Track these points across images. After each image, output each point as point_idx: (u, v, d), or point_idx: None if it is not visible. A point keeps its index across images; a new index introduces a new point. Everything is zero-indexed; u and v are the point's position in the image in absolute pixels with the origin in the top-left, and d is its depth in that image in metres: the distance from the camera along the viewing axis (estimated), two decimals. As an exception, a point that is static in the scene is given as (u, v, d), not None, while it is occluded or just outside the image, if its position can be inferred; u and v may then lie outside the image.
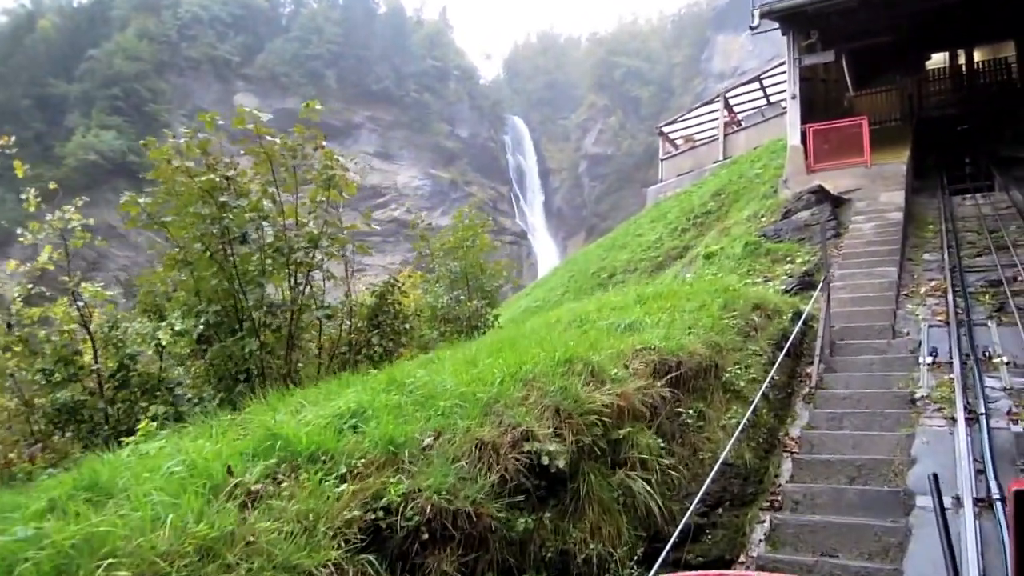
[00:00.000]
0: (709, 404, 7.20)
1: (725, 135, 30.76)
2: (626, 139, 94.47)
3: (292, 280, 8.87)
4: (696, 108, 34.09)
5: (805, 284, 12.31)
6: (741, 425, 6.94)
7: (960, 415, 7.19)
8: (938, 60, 26.80)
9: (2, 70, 74.10)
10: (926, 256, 13.37)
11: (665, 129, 35.16)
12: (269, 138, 8.52)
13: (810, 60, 19.30)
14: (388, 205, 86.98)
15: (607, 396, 5.44)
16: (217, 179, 8.32)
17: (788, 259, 13.86)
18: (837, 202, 16.10)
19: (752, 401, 7.46)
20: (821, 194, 15.85)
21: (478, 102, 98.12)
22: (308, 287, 9.06)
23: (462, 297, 14.35)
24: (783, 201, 16.85)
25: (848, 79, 25.50)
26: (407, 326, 11.84)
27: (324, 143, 9.25)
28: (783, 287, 12.41)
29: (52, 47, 77.33)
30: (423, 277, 15.17)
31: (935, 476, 2.66)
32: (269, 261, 8.80)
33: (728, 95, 32.12)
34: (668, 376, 6.65)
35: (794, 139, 18.79)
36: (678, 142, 34.56)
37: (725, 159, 29.60)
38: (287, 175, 9.23)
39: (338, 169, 9.01)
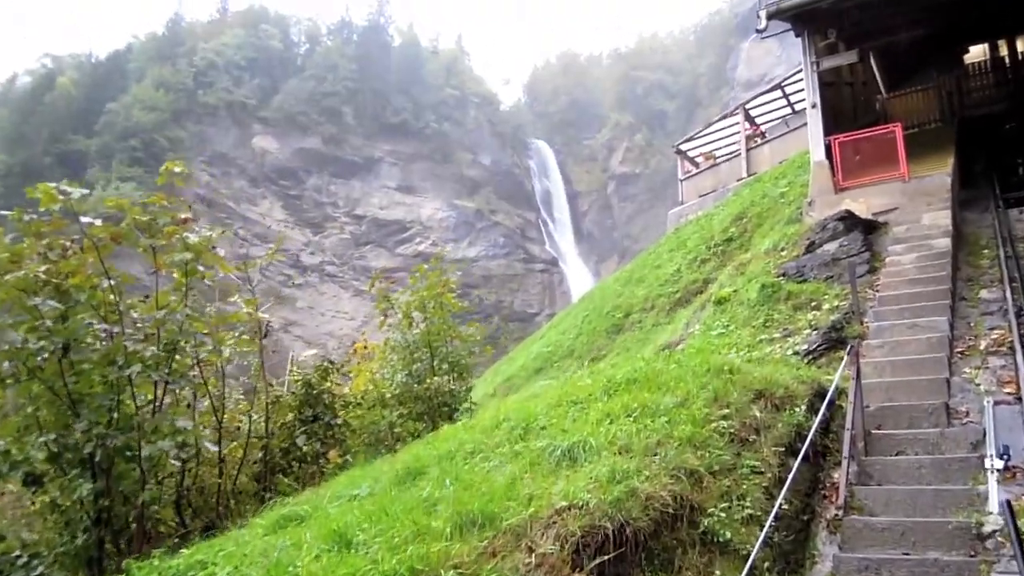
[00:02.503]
0: (677, 574, 4.97)
1: (748, 150, 28.39)
2: (654, 156, 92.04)
3: (136, 400, 6.88)
4: (715, 122, 31.75)
5: (832, 342, 9.96)
6: (726, 607, 4.72)
7: (1056, 576, 4.84)
8: (977, 53, 24.20)
9: (24, 128, 75.13)
10: (984, 294, 10.89)
11: (683, 147, 32.86)
12: (87, 219, 6.53)
13: (830, 63, 17.00)
14: (413, 239, 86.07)
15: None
16: (31, 276, 6.40)
17: (813, 305, 11.51)
18: (870, 227, 13.72)
19: (748, 556, 5.23)
20: (850, 220, 13.49)
21: (499, 128, 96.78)
22: (159, 405, 7.05)
23: (433, 369, 12.22)
24: (807, 229, 14.50)
25: (879, 80, 23.05)
26: (337, 421, 9.79)
27: (189, 215, 7.23)
28: (805, 346, 10.08)
29: (71, 103, 78.28)
30: (387, 345, 13.09)
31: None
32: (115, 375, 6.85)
33: (748, 106, 29.79)
34: (601, 556, 4.45)
35: (818, 154, 16.45)
36: (698, 160, 32.25)
37: (749, 176, 27.23)
38: (146, 257, 7.27)
39: (199, 250, 7.01)
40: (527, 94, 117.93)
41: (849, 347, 8.07)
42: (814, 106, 16.53)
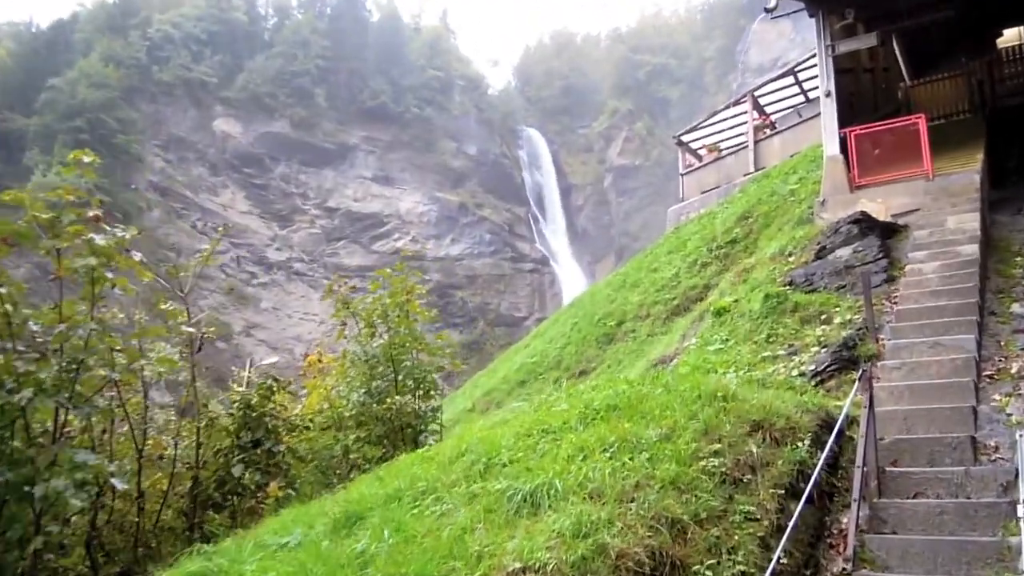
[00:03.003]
0: (653, 648, 4.62)
1: (756, 142, 28.16)
2: (655, 147, 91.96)
3: (33, 429, 6.46)
4: (720, 111, 31.52)
5: (843, 362, 9.66)
6: None
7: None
8: (1011, 37, 24.02)
9: (-45, 107, 74.16)
10: (1016, 308, 10.60)
11: (685, 138, 32.61)
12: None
13: (847, 46, 16.79)
14: (391, 235, 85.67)
15: None
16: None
17: (822, 318, 11.22)
18: (888, 231, 13.45)
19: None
20: (866, 223, 13.20)
21: (487, 115, 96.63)
22: (61, 434, 6.63)
23: (396, 386, 11.81)
24: (818, 232, 14.24)
25: (902, 66, 22.84)
26: (280, 448, 9.40)
27: (98, 211, 6.82)
28: (812, 366, 9.78)
29: (8, 77, 77.30)
30: (345, 358, 12.66)
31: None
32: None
33: (757, 93, 29.54)
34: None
35: (831, 148, 16.21)
36: (701, 152, 32.02)
37: (756, 171, 27.00)
38: (53, 262, 6.85)
39: (108, 253, 6.60)
40: (518, 77, 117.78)
41: (861, 371, 7.74)
42: (828, 94, 16.28)
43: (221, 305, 73.65)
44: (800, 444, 6.86)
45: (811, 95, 27.76)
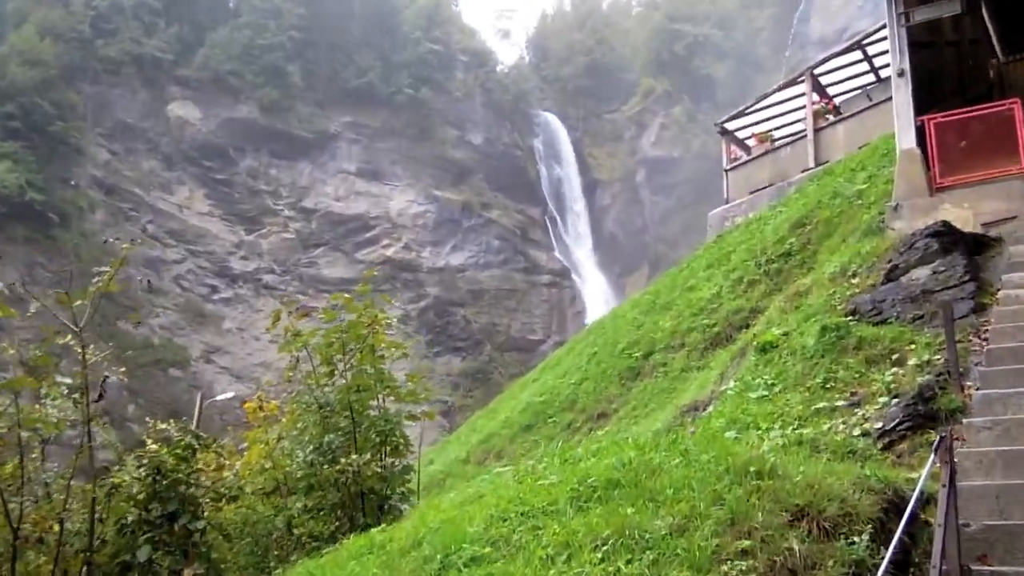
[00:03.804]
0: None
1: (816, 130, 27.80)
2: (697, 135, 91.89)
3: None
4: (773, 93, 31.08)
5: (919, 417, 9.07)
6: None
7: None
8: None
9: None
10: None
11: (729, 126, 32.21)
12: None
13: (925, 14, 16.28)
14: (379, 241, 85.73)
15: None
16: None
17: (893, 358, 10.67)
18: (977, 246, 12.90)
19: None
20: (949, 236, 12.62)
21: (495, 96, 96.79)
22: None
23: (355, 442, 11.32)
24: (889, 246, 13.70)
25: (994, 38, 22.32)
26: (200, 524, 8.91)
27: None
28: (879, 423, 9.21)
29: (-73, 56, 77.73)
30: (295, 404, 12.21)
31: None
32: None
33: (817, 71, 29.13)
34: None
35: (906, 140, 15.70)
36: (749, 143, 31.59)
37: (817, 166, 26.62)
38: None
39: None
40: (533, 52, 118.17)
41: (940, 435, 7.14)
42: (901, 73, 15.79)
43: (176, 325, 73.77)
44: (858, 538, 6.27)
45: (883, 74, 27.33)
